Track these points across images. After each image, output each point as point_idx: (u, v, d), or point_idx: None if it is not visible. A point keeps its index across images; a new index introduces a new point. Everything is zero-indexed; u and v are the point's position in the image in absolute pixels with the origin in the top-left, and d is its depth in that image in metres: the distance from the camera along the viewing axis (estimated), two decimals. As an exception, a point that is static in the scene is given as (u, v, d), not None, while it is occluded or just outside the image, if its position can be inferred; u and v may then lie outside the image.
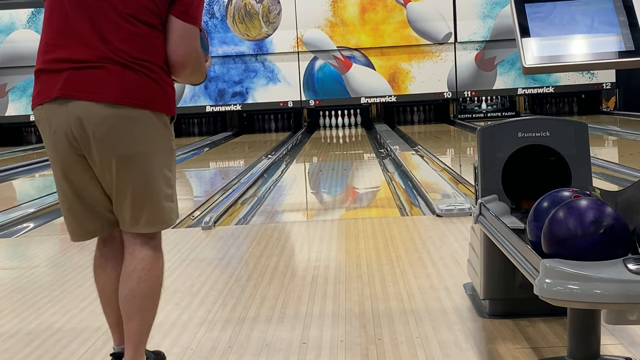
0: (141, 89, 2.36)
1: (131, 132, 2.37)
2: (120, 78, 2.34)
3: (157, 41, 2.39)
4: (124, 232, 2.49)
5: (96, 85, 2.33)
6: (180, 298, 3.68)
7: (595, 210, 2.10)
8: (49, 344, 3.14)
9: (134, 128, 2.37)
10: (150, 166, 2.42)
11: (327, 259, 4.35)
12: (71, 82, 2.34)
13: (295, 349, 2.92)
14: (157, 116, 2.41)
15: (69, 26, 2.36)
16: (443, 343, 2.89)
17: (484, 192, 3.12)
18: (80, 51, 2.34)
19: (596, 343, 2.41)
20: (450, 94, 15.68)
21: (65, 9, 2.38)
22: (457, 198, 6.00)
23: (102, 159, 2.38)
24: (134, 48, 2.35)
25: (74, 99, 2.33)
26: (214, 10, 15.85)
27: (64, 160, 2.42)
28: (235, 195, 7.12)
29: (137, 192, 2.42)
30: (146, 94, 2.37)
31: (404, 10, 15.61)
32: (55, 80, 2.35)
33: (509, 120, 3.18)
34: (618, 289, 1.94)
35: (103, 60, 2.33)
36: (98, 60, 2.33)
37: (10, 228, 6.09)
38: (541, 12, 2.60)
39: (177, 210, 2.56)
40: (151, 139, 2.41)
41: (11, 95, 16.10)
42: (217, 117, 16.57)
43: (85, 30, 2.34)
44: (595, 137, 11.08)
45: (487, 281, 3.09)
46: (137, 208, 2.43)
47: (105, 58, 2.33)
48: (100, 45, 2.34)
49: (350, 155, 11.48)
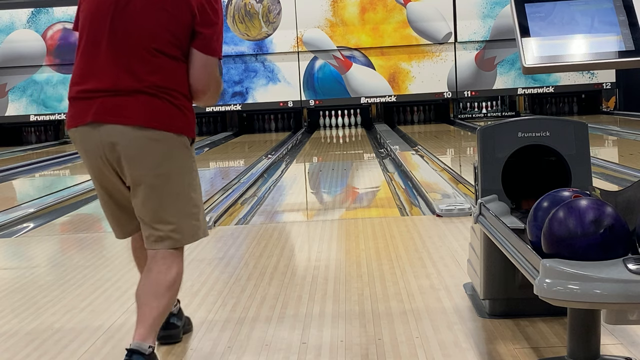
0: (165, 114, 2.61)
1: (157, 152, 2.61)
2: (147, 105, 2.59)
3: (180, 71, 2.64)
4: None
5: (126, 110, 2.58)
6: (180, 298, 3.68)
7: (595, 210, 2.10)
8: (49, 344, 3.14)
9: (160, 149, 2.61)
10: (174, 186, 2.65)
11: (327, 259, 4.35)
12: (103, 108, 2.59)
13: (295, 349, 2.92)
14: (179, 138, 2.65)
15: (99, 59, 2.61)
16: (443, 343, 2.89)
17: (484, 192, 3.12)
18: (110, 82, 2.59)
19: (596, 343, 2.41)
20: (450, 94, 15.68)
21: (96, 42, 2.62)
22: (457, 198, 6.00)
23: (132, 177, 2.62)
24: (159, 79, 2.60)
25: (105, 122, 2.59)
26: (214, 10, 15.84)
27: (98, 174, 2.70)
28: (235, 195, 7.12)
29: (161, 210, 2.64)
30: (170, 119, 2.62)
31: (404, 10, 15.61)
32: (89, 106, 2.60)
33: (509, 120, 3.18)
34: (618, 289, 1.94)
35: (132, 90, 2.58)
36: (127, 90, 2.58)
37: (10, 228, 6.09)
38: (541, 12, 2.60)
39: (205, 228, 2.82)
40: (175, 158, 2.65)
41: (11, 95, 16.10)
42: (217, 117, 16.57)
43: (115, 64, 2.59)
44: (595, 137, 11.09)
45: (487, 281, 3.09)
46: (161, 224, 2.66)
47: (134, 89, 2.58)
48: (129, 78, 2.58)
49: (350, 155, 11.49)
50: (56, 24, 15.95)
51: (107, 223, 2.90)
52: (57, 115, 15.98)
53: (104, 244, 5.34)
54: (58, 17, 15.95)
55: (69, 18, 15.92)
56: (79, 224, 6.52)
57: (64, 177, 10.92)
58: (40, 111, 16.03)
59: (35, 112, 16.04)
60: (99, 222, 6.61)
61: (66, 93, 2.75)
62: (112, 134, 2.58)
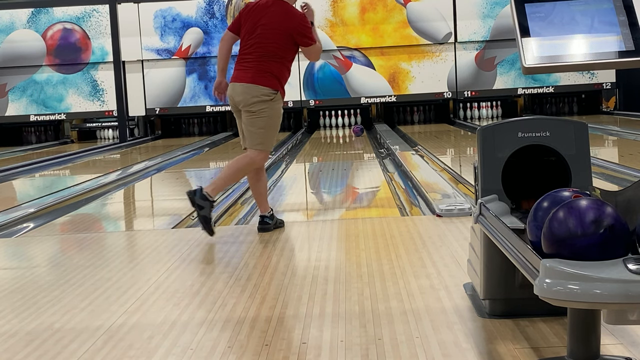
0: (266, 78, 5.03)
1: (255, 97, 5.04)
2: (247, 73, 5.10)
3: (272, 63, 5.04)
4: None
5: (246, 76, 5.07)
6: (180, 298, 3.69)
7: (595, 210, 2.10)
8: (49, 344, 3.14)
9: (257, 95, 5.03)
10: (262, 119, 5.05)
11: (327, 259, 4.35)
12: (237, 75, 5.14)
13: (295, 349, 2.92)
14: (270, 91, 5.04)
15: (247, 52, 5.12)
16: (443, 343, 2.89)
17: (484, 192, 3.12)
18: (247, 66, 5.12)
19: (596, 343, 2.41)
20: (450, 94, 15.68)
21: (253, 41, 5.09)
22: (457, 198, 6.00)
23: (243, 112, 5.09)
24: (259, 65, 5.04)
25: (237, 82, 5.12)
26: (214, 10, 15.85)
27: (234, 111, 5.21)
28: (235, 195, 7.12)
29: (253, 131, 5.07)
30: (267, 81, 5.05)
31: (404, 10, 15.61)
32: (235, 74, 5.17)
33: (509, 120, 3.18)
34: (618, 289, 1.94)
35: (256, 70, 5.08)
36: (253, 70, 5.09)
37: (10, 228, 6.09)
38: (541, 12, 2.60)
39: (272, 144, 5.26)
40: (265, 101, 5.04)
41: (11, 95, 16.10)
42: (217, 117, 16.58)
43: (254, 57, 5.07)
44: (595, 137, 11.09)
45: (487, 281, 3.09)
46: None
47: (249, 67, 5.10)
48: (256, 66, 5.06)
49: (350, 155, 11.49)
50: (56, 24, 15.94)
51: (107, 223, 2.91)
52: (57, 115, 15.99)
53: (104, 244, 5.35)
54: (58, 17, 15.95)
55: (69, 18, 15.93)
56: (79, 224, 6.52)
57: (64, 177, 10.92)
58: (40, 111, 16.03)
59: (35, 112, 16.05)
60: (99, 222, 6.61)
61: (66, 93, 2.77)
62: (236, 88, 5.20)
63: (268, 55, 5.06)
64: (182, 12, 15.88)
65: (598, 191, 2.53)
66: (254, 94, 5.03)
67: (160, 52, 15.89)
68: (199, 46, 15.87)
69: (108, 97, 15.97)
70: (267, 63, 5.06)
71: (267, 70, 5.04)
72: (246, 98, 5.04)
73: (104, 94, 15.99)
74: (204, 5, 15.88)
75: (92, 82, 15.98)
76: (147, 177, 9.72)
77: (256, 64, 5.06)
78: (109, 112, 15.99)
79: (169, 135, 16.38)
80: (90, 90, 15.97)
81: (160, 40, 15.87)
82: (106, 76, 15.92)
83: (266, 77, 5.04)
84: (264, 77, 5.04)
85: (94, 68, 15.96)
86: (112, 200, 8.00)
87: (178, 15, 15.89)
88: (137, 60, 15.87)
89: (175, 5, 15.88)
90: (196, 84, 15.96)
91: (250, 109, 5.05)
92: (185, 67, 15.95)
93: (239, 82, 5.08)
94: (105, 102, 15.99)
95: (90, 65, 15.94)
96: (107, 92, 15.95)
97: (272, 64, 5.06)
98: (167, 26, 15.87)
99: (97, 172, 10.79)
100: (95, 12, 15.92)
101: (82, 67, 15.93)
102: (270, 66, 5.06)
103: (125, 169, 10.66)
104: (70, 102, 15.88)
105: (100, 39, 15.86)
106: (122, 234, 5.90)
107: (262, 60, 5.06)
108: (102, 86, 15.98)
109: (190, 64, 15.96)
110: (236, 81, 5.11)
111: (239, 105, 5.09)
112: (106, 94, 15.97)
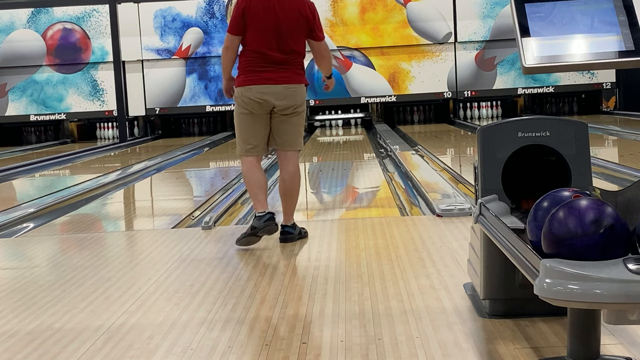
0: (303, 77, 4.91)
1: (302, 96, 4.91)
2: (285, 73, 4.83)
3: (299, 58, 4.88)
4: (282, 150, 4.91)
5: (285, 77, 4.82)
6: (180, 298, 3.68)
7: (595, 210, 2.10)
8: (49, 344, 3.14)
9: (303, 94, 4.91)
10: (303, 117, 4.98)
11: (327, 259, 4.35)
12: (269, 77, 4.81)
13: (295, 349, 2.92)
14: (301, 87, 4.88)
15: (271, 49, 4.80)
16: (443, 343, 2.89)
17: (484, 192, 3.12)
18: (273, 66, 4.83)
19: (596, 343, 2.41)
20: (450, 94, 15.68)
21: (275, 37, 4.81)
22: (457, 198, 6.00)
23: (283, 114, 4.82)
24: (291, 63, 4.83)
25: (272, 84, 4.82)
26: (214, 10, 15.86)
27: (260, 112, 4.85)
28: (235, 195, 7.12)
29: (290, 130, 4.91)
30: (304, 80, 4.92)
31: (404, 10, 15.61)
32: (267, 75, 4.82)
33: (509, 120, 3.18)
34: (618, 289, 1.94)
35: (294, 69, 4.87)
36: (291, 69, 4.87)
37: (10, 228, 6.09)
38: (541, 12, 2.60)
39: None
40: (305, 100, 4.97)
41: (11, 95, 16.10)
42: (217, 117, 16.58)
43: (284, 55, 4.80)
44: (595, 137, 11.09)
45: (487, 281, 3.09)
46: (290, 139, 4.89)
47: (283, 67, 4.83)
48: (292, 64, 4.84)
49: (350, 155, 11.49)
50: (56, 24, 15.95)
51: (107, 223, 2.91)
52: (57, 115, 15.99)
53: (104, 244, 5.35)
54: (58, 17, 15.95)
55: (69, 18, 15.93)
56: (79, 224, 6.52)
57: (64, 177, 10.92)
58: (40, 111, 16.03)
59: (35, 112, 16.05)
60: (98, 222, 6.62)
61: (65, 93, 2.76)
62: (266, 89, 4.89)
63: (296, 52, 4.84)
64: (182, 12, 15.88)
65: (598, 191, 2.53)
66: (302, 93, 4.86)
67: (160, 52, 15.90)
68: (199, 46, 15.88)
69: (108, 97, 15.97)
70: (299, 60, 4.87)
71: (302, 67, 4.89)
72: (294, 99, 4.81)
73: (104, 94, 16.00)
74: (204, 5, 15.89)
75: (92, 82, 15.98)
76: (147, 177, 9.72)
77: (291, 63, 4.83)
78: (109, 112, 16.00)
79: (169, 135, 16.39)
80: (90, 90, 15.97)
81: (160, 40, 15.87)
82: (106, 76, 15.93)
83: (303, 75, 4.90)
84: (303, 76, 4.90)
85: (94, 68, 15.97)
86: (112, 200, 8.00)
87: (178, 15, 15.89)
88: (137, 60, 15.87)
89: (175, 5, 15.89)
90: (196, 83, 15.96)
91: (298, 109, 4.85)
92: (185, 67, 15.96)
93: (279, 83, 4.78)
94: (105, 102, 15.99)
95: (90, 65, 15.95)
96: (107, 92, 15.96)
97: (301, 60, 4.90)
98: (167, 26, 15.88)
99: (97, 172, 10.79)
100: (95, 12, 15.92)
101: (82, 67, 15.93)
102: (301, 63, 4.91)
103: (125, 169, 10.66)
104: (70, 102, 15.88)
105: (100, 38, 15.87)
106: (122, 234, 5.90)
107: (293, 57, 4.83)
108: (102, 86, 15.98)
109: (190, 64, 15.97)
110: (270, 83, 4.77)
111: (279, 107, 4.79)
112: (106, 94, 15.98)
